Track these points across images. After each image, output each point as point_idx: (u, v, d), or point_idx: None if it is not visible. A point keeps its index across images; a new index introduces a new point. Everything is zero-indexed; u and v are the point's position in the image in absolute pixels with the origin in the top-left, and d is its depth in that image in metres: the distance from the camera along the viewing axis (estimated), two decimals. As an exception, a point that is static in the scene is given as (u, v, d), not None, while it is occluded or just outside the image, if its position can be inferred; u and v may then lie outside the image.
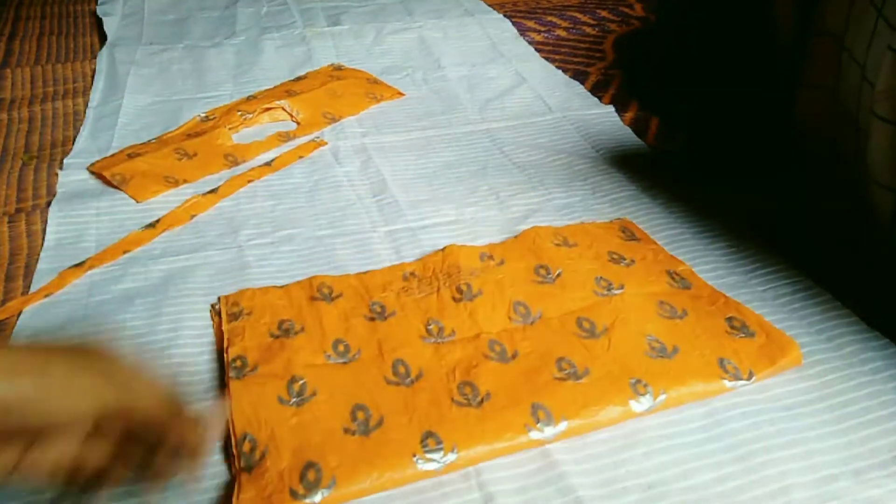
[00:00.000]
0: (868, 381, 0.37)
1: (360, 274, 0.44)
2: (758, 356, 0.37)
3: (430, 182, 0.55)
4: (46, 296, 0.43)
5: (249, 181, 0.55)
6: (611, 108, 0.66)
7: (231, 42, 0.80)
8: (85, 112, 0.65)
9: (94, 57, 0.76)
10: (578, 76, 0.74)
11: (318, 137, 0.62)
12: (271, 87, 0.69)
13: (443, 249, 0.46)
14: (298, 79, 0.71)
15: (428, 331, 0.39)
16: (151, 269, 0.45)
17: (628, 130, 0.63)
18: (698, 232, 0.49)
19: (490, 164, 0.58)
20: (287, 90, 0.67)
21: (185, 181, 0.54)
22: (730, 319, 0.39)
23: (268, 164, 0.57)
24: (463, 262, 0.44)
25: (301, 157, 0.58)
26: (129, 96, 0.67)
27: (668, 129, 0.64)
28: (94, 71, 0.73)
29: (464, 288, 0.42)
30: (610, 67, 0.77)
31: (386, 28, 0.84)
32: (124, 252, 0.47)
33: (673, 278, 0.43)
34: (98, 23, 0.85)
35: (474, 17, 0.88)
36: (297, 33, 0.82)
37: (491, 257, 0.45)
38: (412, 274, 0.44)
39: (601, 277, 0.43)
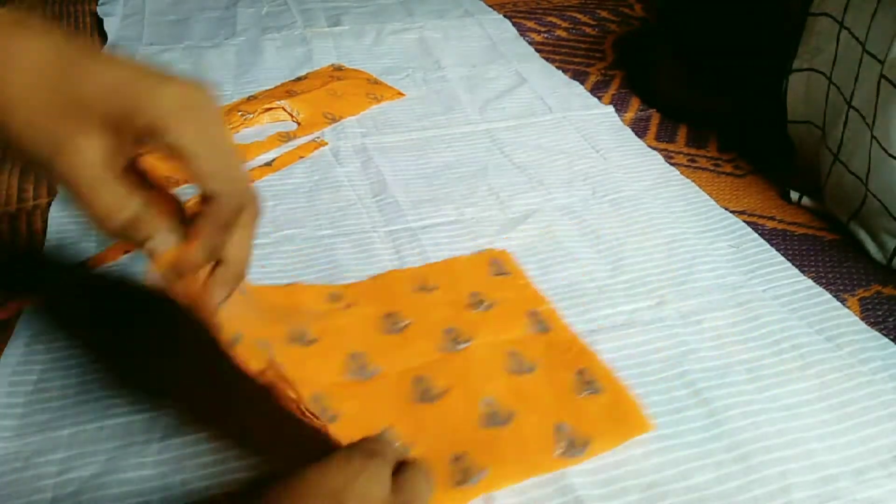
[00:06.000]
0: (868, 380, 0.37)
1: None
2: (598, 418, 0.34)
3: (431, 182, 0.55)
4: (47, 295, 0.43)
5: (250, 181, 0.55)
6: (611, 109, 0.66)
7: (231, 42, 0.80)
8: (85, 112, 0.65)
9: (95, 57, 0.76)
10: (578, 76, 0.74)
11: (318, 138, 0.62)
12: (272, 87, 0.69)
13: (286, 287, 0.42)
14: (299, 79, 0.71)
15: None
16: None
17: (628, 131, 0.63)
18: (699, 232, 0.49)
19: (490, 164, 0.58)
20: (287, 90, 0.67)
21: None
22: (580, 372, 0.37)
23: (268, 164, 0.57)
24: (307, 303, 0.40)
25: (301, 157, 0.58)
26: (130, 96, 0.67)
27: (670, 126, 0.64)
28: (94, 71, 0.73)
29: (298, 336, 0.36)
30: (610, 68, 0.77)
31: (386, 28, 0.84)
32: (125, 252, 0.47)
33: (532, 320, 0.40)
34: (98, 23, 0.85)
35: (474, 17, 0.88)
36: (297, 34, 0.82)
37: (340, 298, 0.41)
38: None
39: (451, 329, 0.39)
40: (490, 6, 0.92)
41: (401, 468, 0.26)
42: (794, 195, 0.54)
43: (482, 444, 0.33)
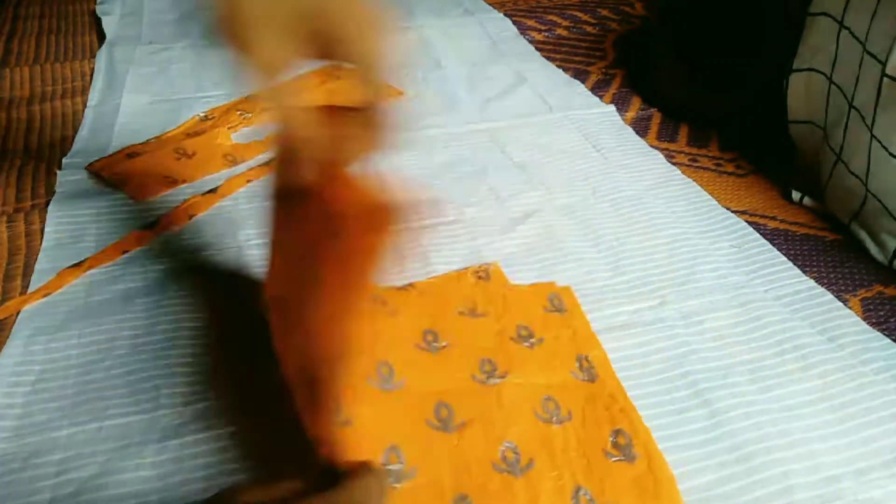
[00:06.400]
0: (870, 381, 0.37)
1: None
2: (626, 489, 0.32)
3: (430, 182, 0.55)
4: (45, 295, 0.43)
5: (249, 181, 0.55)
6: (612, 108, 0.66)
7: (231, 41, 0.79)
8: (84, 112, 0.64)
9: (93, 56, 0.76)
10: (579, 75, 0.73)
11: (317, 137, 0.61)
12: (271, 86, 0.69)
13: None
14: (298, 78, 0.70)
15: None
16: (150, 268, 0.45)
17: (629, 130, 0.63)
18: (700, 231, 0.49)
19: (490, 163, 0.58)
20: (287, 89, 0.67)
21: (184, 181, 0.54)
22: (616, 433, 0.34)
23: (267, 163, 0.57)
24: None
25: (301, 156, 0.58)
26: (128, 96, 0.67)
27: (671, 126, 0.64)
28: (93, 70, 0.72)
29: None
30: (611, 66, 0.76)
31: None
32: (123, 252, 0.46)
33: (581, 365, 0.38)
34: (97, 22, 0.85)
35: (474, 16, 0.88)
36: (296, 32, 0.82)
37: (384, 302, 0.40)
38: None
39: (487, 360, 0.37)
40: (490, 5, 0.92)
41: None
42: (796, 195, 0.54)
43: (490, 490, 0.31)
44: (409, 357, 0.37)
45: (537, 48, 0.80)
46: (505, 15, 0.88)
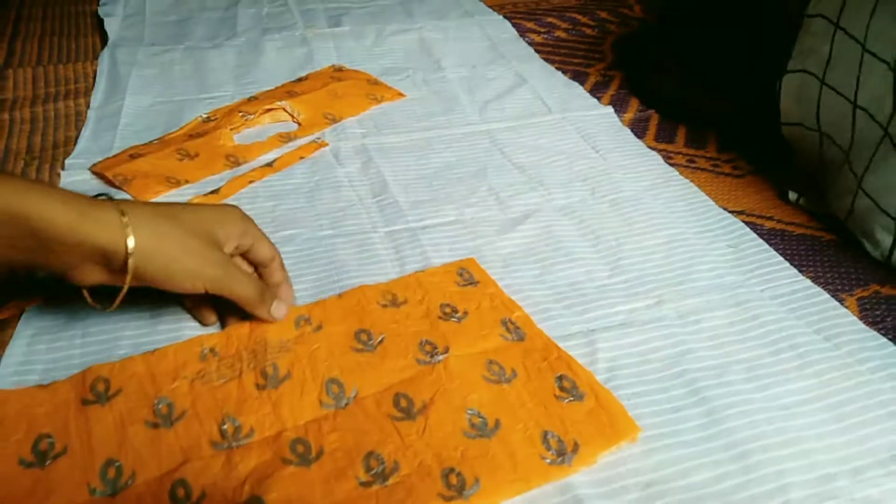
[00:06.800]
0: (866, 380, 0.38)
1: (149, 355, 0.38)
2: (584, 423, 0.34)
3: (431, 182, 0.56)
4: (49, 295, 0.43)
5: (251, 182, 0.55)
6: (610, 109, 0.67)
7: (232, 43, 0.80)
8: (87, 113, 0.65)
9: (96, 58, 0.76)
10: (578, 77, 0.74)
11: (318, 138, 0.62)
12: (272, 87, 0.69)
13: (251, 320, 0.40)
14: (299, 80, 0.71)
15: (222, 433, 0.33)
16: (153, 268, 0.45)
17: (627, 131, 0.63)
18: (698, 232, 0.50)
19: (490, 164, 0.58)
20: (288, 91, 0.67)
21: (186, 181, 0.54)
22: (560, 378, 0.37)
23: (269, 164, 0.57)
24: (272, 334, 0.39)
25: (302, 157, 0.59)
26: (131, 97, 0.67)
27: (669, 127, 0.65)
28: (95, 72, 0.73)
29: (269, 371, 0.37)
30: (609, 68, 0.77)
31: (386, 29, 0.84)
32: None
33: (507, 328, 0.40)
34: (99, 23, 0.85)
35: (474, 18, 0.88)
36: (297, 34, 0.82)
37: (308, 321, 0.40)
38: (212, 352, 0.38)
39: (426, 341, 0.39)
40: (490, 7, 0.93)
41: None
42: (793, 195, 0.54)
43: (471, 455, 0.33)
44: (352, 364, 0.38)
45: (537, 50, 0.80)
46: (504, 17, 0.89)
